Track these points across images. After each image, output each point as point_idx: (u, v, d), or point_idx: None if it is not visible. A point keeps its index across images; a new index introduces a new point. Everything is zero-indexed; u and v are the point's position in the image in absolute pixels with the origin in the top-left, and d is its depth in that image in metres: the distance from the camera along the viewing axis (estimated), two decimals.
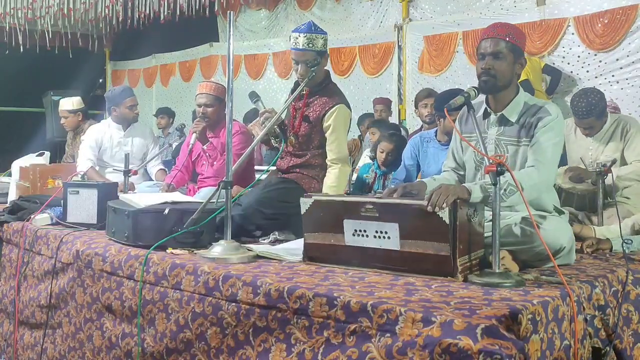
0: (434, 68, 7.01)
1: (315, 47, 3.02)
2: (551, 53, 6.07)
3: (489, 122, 2.57)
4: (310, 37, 3.01)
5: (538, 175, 2.36)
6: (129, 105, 4.64)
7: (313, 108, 3.10)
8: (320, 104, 3.09)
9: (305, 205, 2.41)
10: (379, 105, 6.79)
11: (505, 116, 2.52)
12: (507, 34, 2.47)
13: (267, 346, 2.02)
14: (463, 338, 1.59)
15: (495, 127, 2.55)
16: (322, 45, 3.05)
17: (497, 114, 2.54)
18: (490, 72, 2.46)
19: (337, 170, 3.05)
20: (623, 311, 2.15)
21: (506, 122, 2.52)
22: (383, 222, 2.22)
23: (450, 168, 2.76)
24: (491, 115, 2.57)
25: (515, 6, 6.38)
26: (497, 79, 2.47)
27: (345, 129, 3.13)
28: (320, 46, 3.04)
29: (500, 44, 2.45)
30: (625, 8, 5.60)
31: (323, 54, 3.07)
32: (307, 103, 3.10)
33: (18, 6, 8.36)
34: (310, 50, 3.02)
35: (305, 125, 3.11)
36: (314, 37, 3.02)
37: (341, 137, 3.10)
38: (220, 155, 3.84)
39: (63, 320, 2.90)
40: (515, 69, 2.50)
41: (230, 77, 2.62)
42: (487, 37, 2.49)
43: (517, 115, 2.50)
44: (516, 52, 2.48)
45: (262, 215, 2.92)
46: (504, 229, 2.25)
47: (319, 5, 8.25)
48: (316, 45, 3.02)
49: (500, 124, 2.54)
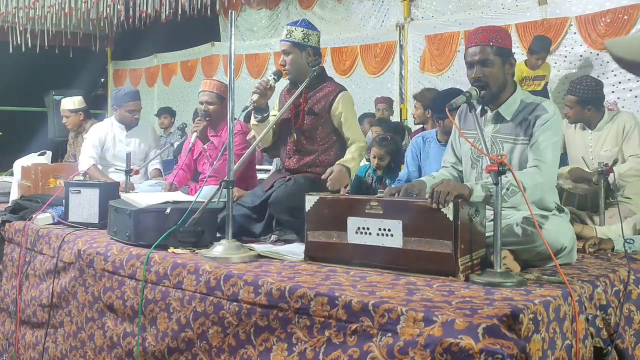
0: (435, 67, 7.00)
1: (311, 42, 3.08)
2: (553, 52, 6.06)
3: (485, 120, 2.57)
4: (307, 33, 3.06)
5: (541, 176, 2.36)
6: (129, 109, 4.62)
7: (316, 100, 3.11)
8: (322, 95, 3.10)
9: (310, 203, 2.42)
10: (381, 105, 6.79)
11: (500, 114, 2.52)
12: (490, 38, 2.45)
13: (269, 346, 2.02)
14: (464, 338, 1.59)
15: (491, 125, 2.55)
16: (316, 41, 3.10)
17: (493, 112, 2.55)
18: (482, 80, 2.46)
19: (355, 145, 3.09)
20: (625, 311, 2.15)
21: (502, 120, 2.52)
22: (387, 219, 2.22)
23: (450, 163, 2.75)
24: (487, 112, 2.57)
25: (517, 5, 6.37)
26: (490, 86, 2.47)
27: (354, 113, 3.20)
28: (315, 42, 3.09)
29: (485, 50, 2.45)
30: (628, 7, 5.58)
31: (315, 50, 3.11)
32: (307, 98, 3.10)
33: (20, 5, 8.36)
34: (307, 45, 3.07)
35: (311, 119, 3.10)
36: (310, 32, 3.08)
37: (354, 121, 3.16)
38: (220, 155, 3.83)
39: (65, 320, 2.90)
40: (505, 71, 2.49)
41: (232, 77, 2.62)
42: (472, 45, 2.48)
43: (512, 113, 2.50)
44: (503, 54, 2.48)
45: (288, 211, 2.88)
46: (505, 228, 2.25)
47: (320, 5, 8.24)
48: (312, 41, 3.08)
49: (496, 122, 2.54)
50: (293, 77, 3.11)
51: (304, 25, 3.08)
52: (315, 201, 2.41)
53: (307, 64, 3.08)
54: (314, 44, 3.08)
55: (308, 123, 3.11)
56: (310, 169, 3.14)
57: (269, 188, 3.10)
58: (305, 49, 3.06)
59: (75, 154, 5.14)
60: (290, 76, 3.11)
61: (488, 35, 2.47)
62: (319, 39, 3.13)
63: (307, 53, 3.07)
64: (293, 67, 3.07)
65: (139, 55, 10.69)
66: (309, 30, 3.07)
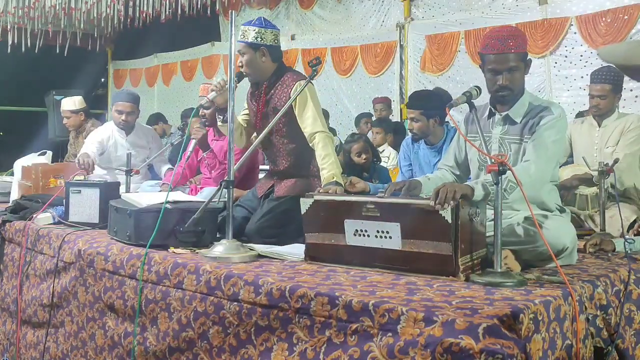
0: (436, 67, 7.00)
1: (265, 41, 2.95)
2: (553, 52, 6.06)
3: (494, 122, 2.58)
4: (260, 32, 2.95)
5: (535, 170, 2.35)
6: (117, 109, 4.58)
7: (277, 98, 2.98)
8: (282, 91, 2.98)
9: (306, 206, 2.41)
10: (379, 105, 6.80)
11: (510, 116, 2.52)
12: (515, 46, 2.43)
13: (269, 345, 2.02)
14: (465, 337, 1.59)
15: (500, 126, 2.55)
16: (272, 39, 2.97)
17: (502, 114, 2.55)
18: (508, 87, 2.46)
19: (321, 142, 2.86)
20: (625, 311, 2.15)
21: (511, 122, 2.53)
22: (384, 222, 2.22)
23: (447, 166, 2.75)
24: (496, 114, 2.57)
25: (517, 5, 6.37)
26: (515, 91, 2.49)
27: (313, 101, 2.92)
28: (270, 40, 2.97)
29: (510, 58, 2.43)
30: (628, 7, 5.58)
31: (269, 48, 2.97)
32: (267, 100, 3.00)
33: (20, 5, 8.36)
34: (258, 44, 2.94)
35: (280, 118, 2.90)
36: (264, 31, 2.95)
37: (311, 109, 2.90)
38: (219, 164, 3.82)
39: (65, 319, 2.90)
40: (525, 73, 2.51)
41: (232, 77, 2.62)
42: (496, 52, 2.44)
43: (522, 116, 2.51)
44: (524, 57, 2.49)
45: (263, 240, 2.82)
46: (506, 228, 2.25)
47: (320, 5, 8.24)
48: (266, 39, 2.95)
49: (504, 123, 2.54)
50: (252, 77, 3.02)
51: (257, 25, 2.97)
52: (310, 204, 2.40)
53: (263, 62, 2.97)
54: (269, 42, 2.95)
55: (280, 123, 2.96)
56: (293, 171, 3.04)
57: (262, 195, 3.09)
58: (259, 49, 2.95)
59: (76, 154, 5.13)
60: (249, 77, 3.02)
61: (511, 43, 2.43)
62: (275, 36, 2.99)
63: (262, 52, 2.96)
64: (249, 67, 2.97)
65: (139, 55, 10.69)
66: (262, 29, 2.95)
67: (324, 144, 2.86)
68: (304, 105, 2.91)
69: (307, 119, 2.90)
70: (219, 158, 3.81)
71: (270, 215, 2.94)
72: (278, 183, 3.05)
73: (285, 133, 3.01)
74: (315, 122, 2.89)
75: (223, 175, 3.51)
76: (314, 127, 2.88)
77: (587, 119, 3.80)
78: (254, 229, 2.91)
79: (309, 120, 2.90)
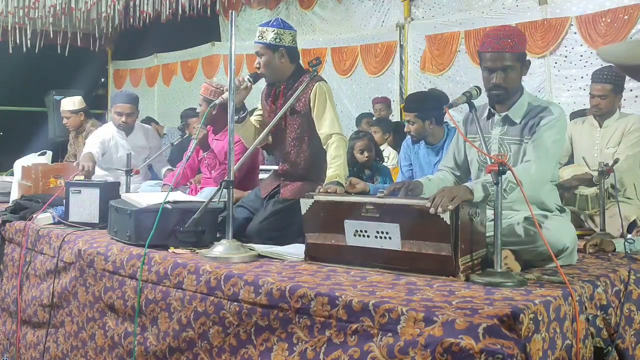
0: (436, 67, 7.00)
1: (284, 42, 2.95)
2: (553, 52, 6.06)
3: (493, 122, 2.57)
4: (279, 33, 2.95)
5: (535, 170, 2.35)
6: (116, 110, 4.59)
7: (296, 99, 2.96)
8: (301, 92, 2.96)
9: (306, 206, 2.41)
10: (378, 105, 6.80)
11: (509, 117, 2.52)
12: (511, 45, 2.42)
13: (269, 345, 2.02)
14: (465, 337, 1.59)
15: (499, 127, 2.55)
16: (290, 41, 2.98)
17: (502, 114, 2.54)
18: (501, 86, 2.45)
19: (335, 143, 2.88)
20: (625, 311, 2.15)
21: (511, 123, 2.52)
22: (384, 223, 2.22)
23: (448, 167, 2.74)
24: (495, 115, 2.57)
25: (517, 5, 6.36)
26: (509, 91, 2.47)
27: (331, 103, 2.96)
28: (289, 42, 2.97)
29: (506, 57, 2.42)
30: (628, 7, 5.58)
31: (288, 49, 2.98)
32: (284, 102, 2.98)
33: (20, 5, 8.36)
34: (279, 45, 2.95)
35: (296, 119, 2.98)
36: (283, 32, 2.96)
37: (330, 111, 2.93)
38: (219, 164, 3.82)
39: (65, 320, 2.90)
40: (522, 73, 2.50)
41: (232, 77, 2.62)
42: (491, 50, 2.43)
43: (521, 116, 2.50)
44: (521, 58, 2.48)
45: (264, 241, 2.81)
46: (506, 228, 2.25)
47: (320, 5, 8.24)
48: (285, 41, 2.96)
49: (504, 124, 2.54)
50: (269, 79, 3.02)
51: (276, 25, 2.97)
52: (310, 204, 2.40)
53: (282, 63, 2.97)
54: (287, 43, 2.96)
55: (294, 124, 2.99)
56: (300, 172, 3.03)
57: (266, 195, 3.08)
58: (278, 50, 2.95)
59: (76, 154, 5.14)
60: (265, 78, 3.02)
61: (508, 42, 2.42)
62: (293, 37, 3.00)
63: (280, 53, 2.96)
64: (267, 68, 2.97)
65: (139, 55, 10.69)
66: (281, 29, 2.95)
67: (337, 145, 2.89)
68: (324, 107, 2.93)
69: (324, 120, 2.92)
70: (219, 158, 3.80)
71: (274, 217, 2.93)
72: (284, 185, 3.04)
73: (299, 135, 3.00)
74: (333, 125, 2.92)
75: (223, 175, 3.52)
76: (331, 129, 2.91)
77: (588, 119, 3.80)
78: (256, 229, 2.90)
79: (327, 122, 2.92)
